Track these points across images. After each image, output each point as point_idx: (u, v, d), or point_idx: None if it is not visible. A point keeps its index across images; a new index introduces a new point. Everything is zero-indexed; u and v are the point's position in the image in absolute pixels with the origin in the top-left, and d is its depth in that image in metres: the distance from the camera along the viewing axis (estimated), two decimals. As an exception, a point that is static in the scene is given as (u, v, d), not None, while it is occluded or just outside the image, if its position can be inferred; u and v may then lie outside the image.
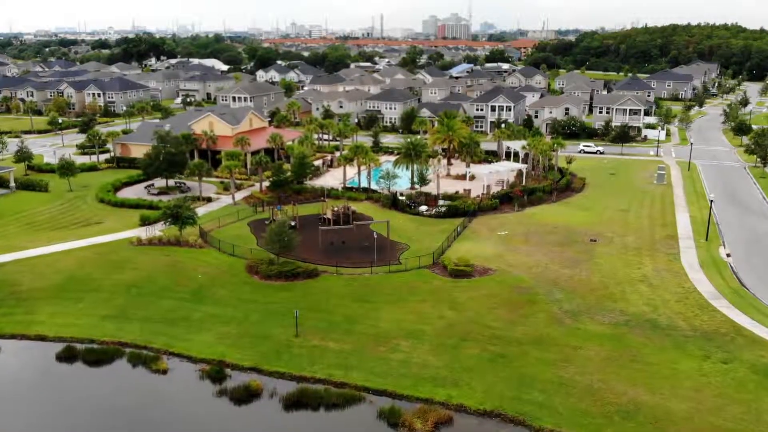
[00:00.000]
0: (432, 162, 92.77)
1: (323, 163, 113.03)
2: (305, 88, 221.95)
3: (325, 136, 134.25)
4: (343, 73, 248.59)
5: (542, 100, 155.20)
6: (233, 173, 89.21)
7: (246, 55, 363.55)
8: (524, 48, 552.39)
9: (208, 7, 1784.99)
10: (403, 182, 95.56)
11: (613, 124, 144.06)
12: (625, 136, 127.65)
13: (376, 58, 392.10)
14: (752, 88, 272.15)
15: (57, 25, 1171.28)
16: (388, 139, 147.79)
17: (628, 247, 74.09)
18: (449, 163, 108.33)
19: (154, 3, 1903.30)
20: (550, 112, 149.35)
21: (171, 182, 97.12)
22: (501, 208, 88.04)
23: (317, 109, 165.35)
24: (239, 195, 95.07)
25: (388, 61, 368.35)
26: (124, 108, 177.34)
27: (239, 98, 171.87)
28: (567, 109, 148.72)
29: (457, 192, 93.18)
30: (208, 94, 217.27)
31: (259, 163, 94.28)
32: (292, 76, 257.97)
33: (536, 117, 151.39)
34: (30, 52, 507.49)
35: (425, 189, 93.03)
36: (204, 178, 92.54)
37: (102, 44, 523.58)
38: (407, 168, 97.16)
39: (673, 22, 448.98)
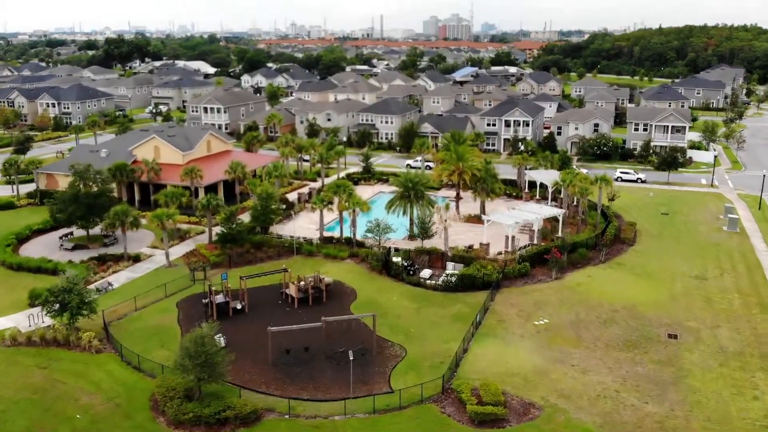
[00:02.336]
0: (437, 209, 69.06)
1: (299, 199, 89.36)
2: (292, 96, 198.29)
3: (307, 158, 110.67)
4: (336, 78, 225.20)
5: (566, 114, 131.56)
6: (165, 225, 65.35)
7: (235, 57, 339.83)
8: (529, 50, 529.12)
9: (210, 8, 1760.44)
10: (399, 230, 72.03)
11: (654, 143, 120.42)
12: (673, 162, 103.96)
13: (374, 61, 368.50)
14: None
15: (57, 26, 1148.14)
16: (384, 160, 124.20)
17: (727, 350, 50.47)
18: (458, 197, 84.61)
19: (156, 3, 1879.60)
20: (576, 129, 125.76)
21: (96, 229, 73.60)
22: (533, 272, 64.44)
23: (301, 122, 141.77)
24: (180, 249, 71.49)
25: (387, 64, 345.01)
26: (81, 120, 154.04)
27: (212, 109, 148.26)
28: (596, 125, 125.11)
29: (470, 247, 69.55)
30: (184, 102, 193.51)
31: (207, 206, 70.57)
32: (280, 81, 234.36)
33: (559, 134, 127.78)
34: (14, 53, 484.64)
35: (428, 242, 69.58)
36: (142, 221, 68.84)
37: (90, 45, 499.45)
38: (404, 213, 73.54)
39: (678, 22, 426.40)
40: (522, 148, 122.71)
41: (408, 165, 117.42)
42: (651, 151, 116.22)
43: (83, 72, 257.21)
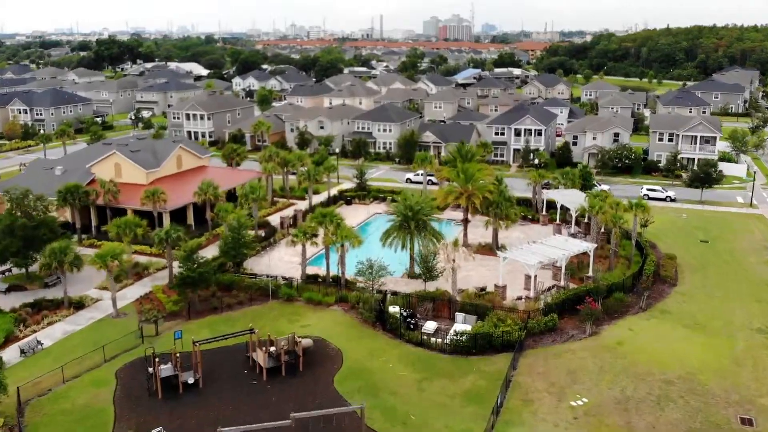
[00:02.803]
0: (443, 246, 56.96)
1: (282, 224, 77.42)
2: (285, 100, 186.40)
3: (295, 172, 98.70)
4: (333, 81, 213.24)
5: (582, 122, 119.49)
6: (111, 267, 53.28)
7: (229, 58, 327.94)
8: (532, 51, 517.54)
9: (211, 9, 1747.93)
10: (396, 264, 60.20)
11: (682, 156, 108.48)
12: (707, 178, 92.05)
13: (373, 62, 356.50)
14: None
15: (57, 26, 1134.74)
16: (381, 172, 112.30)
17: (825, 443, 38.56)
18: (466, 223, 72.65)
19: (157, 4, 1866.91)
20: (594, 138, 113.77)
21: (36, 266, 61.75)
22: (562, 325, 52.52)
23: (291, 130, 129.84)
24: (135, 290, 59.70)
25: (386, 65, 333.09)
26: (56, 127, 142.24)
27: (194, 116, 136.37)
28: (616, 134, 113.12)
29: (483, 290, 57.70)
30: (170, 107, 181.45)
31: (166, 239, 58.67)
32: (274, 83, 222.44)
33: (575, 144, 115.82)
34: (5, 55, 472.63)
35: (432, 283, 57.75)
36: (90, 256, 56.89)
37: (83, 47, 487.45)
38: (403, 247, 61.63)
39: (681, 23, 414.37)
40: (534, 160, 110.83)
41: (408, 179, 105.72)
42: (680, 165, 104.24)
43: (68, 74, 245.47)
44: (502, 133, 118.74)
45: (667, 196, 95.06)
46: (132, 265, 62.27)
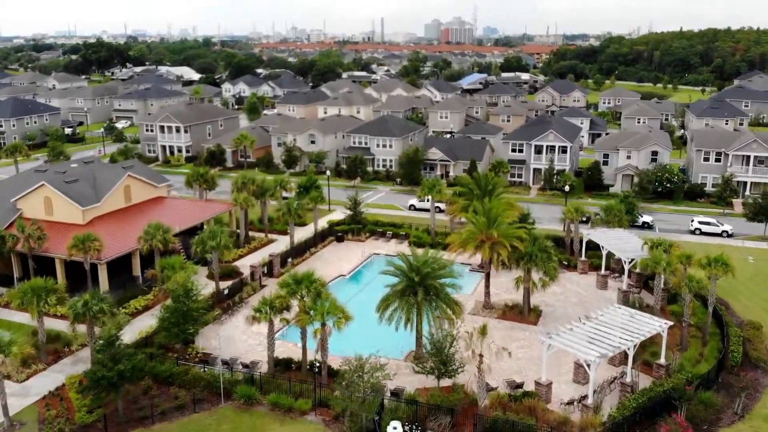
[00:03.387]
0: (466, 336, 40.83)
1: (253, 274, 61.41)
2: (274, 110, 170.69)
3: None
4: (329, 87, 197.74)
5: (613, 138, 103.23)
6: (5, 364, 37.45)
7: (222, 62, 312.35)
8: (537, 54, 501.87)
9: (213, 11, 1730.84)
10: (400, 339, 44.35)
11: (736, 179, 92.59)
12: (775, 209, 76.11)
13: (374, 66, 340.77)
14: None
15: (58, 29, 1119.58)
16: (380, 196, 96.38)
17: None
18: (488, 279, 56.58)
19: (159, 6, 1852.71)
20: (628, 157, 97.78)
21: None
22: (634, 450, 36.58)
23: (279, 144, 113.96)
24: (45, 381, 43.85)
25: (387, 69, 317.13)
26: (17, 139, 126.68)
27: (168, 128, 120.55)
28: (655, 153, 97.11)
29: (520, 387, 41.82)
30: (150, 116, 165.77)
31: (84, 312, 42.77)
32: (266, 89, 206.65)
33: (605, 163, 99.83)
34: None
35: (446, 378, 41.83)
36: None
37: (75, 49, 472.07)
38: (407, 324, 45.55)
39: (686, 26, 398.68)
40: (560, 183, 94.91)
41: (412, 205, 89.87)
42: (732, 191, 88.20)
43: (48, 80, 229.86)
44: (521, 150, 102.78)
45: (723, 231, 79.11)
46: (42, 347, 46.38)
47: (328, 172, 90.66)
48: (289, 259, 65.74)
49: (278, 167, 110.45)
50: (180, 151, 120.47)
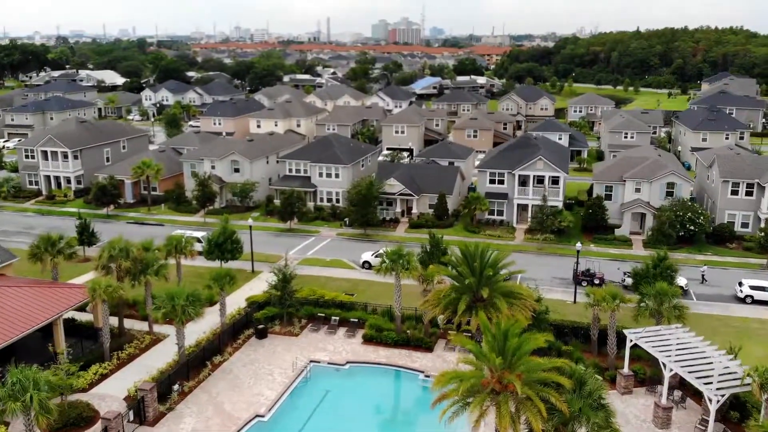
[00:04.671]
0: None
1: (129, 409, 37.33)
2: (191, 123, 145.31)
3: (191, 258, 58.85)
4: (267, 93, 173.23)
5: (617, 165, 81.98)
6: None
7: (149, 64, 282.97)
8: (488, 55, 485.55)
9: (154, 11, 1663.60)
10: None
11: (763, 215, 72.93)
12: None
13: (319, 68, 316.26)
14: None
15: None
16: (324, 244, 72.91)
17: None
18: None
19: (98, 6, 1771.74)
20: (638, 190, 77.04)
21: None
22: None
23: (193, 173, 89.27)
24: None
25: (334, 72, 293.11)
26: None
27: (53, 154, 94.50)
28: (671, 185, 76.62)
29: None
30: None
31: None
32: (192, 97, 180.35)
33: (608, 198, 78.79)
34: None
35: None
36: None
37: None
38: None
39: (630, 26, 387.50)
40: (556, 224, 73.54)
41: (366, 263, 67.05)
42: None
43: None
44: (501, 181, 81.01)
45: (783, 298, 58.90)
46: None
47: (251, 221, 66.58)
48: (176, 386, 41.96)
49: (191, 203, 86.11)
50: (68, 182, 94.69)
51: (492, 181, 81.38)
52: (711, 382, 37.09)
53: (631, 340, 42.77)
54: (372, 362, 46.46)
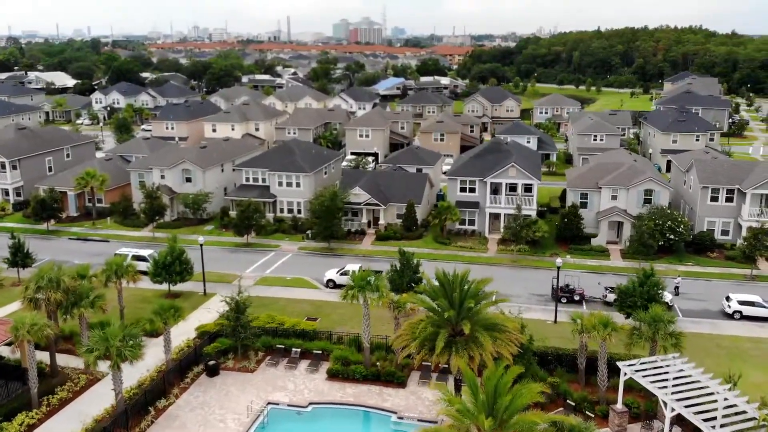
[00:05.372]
0: None
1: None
2: (143, 128, 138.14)
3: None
4: (225, 94, 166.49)
5: (591, 171, 78.28)
6: None
7: (102, 65, 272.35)
8: (450, 55, 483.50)
9: (111, 10, 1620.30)
10: None
11: (744, 222, 70.02)
12: None
13: (279, 68, 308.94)
14: (764, 106, 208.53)
15: None
16: (284, 261, 67.34)
17: None
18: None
19: (48, 4, 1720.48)
20: (614, 198, 73.48)
21: None
22: None
23: (140, 185, 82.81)
24: None
25: (294, 72, 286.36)
26: None
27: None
28: (649, 192, 73.23)
29: None
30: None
31: None
32: (145, 99, 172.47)
33: (583, 206, 74.99)
34: None
35: None
36: None
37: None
38: None
39: (590, 26, 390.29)
40: (528, 234, 69.40)
41: (330, 281, 61.95)
42: (761, 243, 64.79)
43: None
44: (472, 189, 76.63)
45: (774, 314, 55.69)
46: None
47: (201, 239, 60.72)
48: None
49: (140, 217, 79.74)
50: (6, 195, 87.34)
51: (463, 189, 76.92)
52: (714, 419, 33.15)
53: (626, 374, 38.59)
54: (338, 403, 41.40)
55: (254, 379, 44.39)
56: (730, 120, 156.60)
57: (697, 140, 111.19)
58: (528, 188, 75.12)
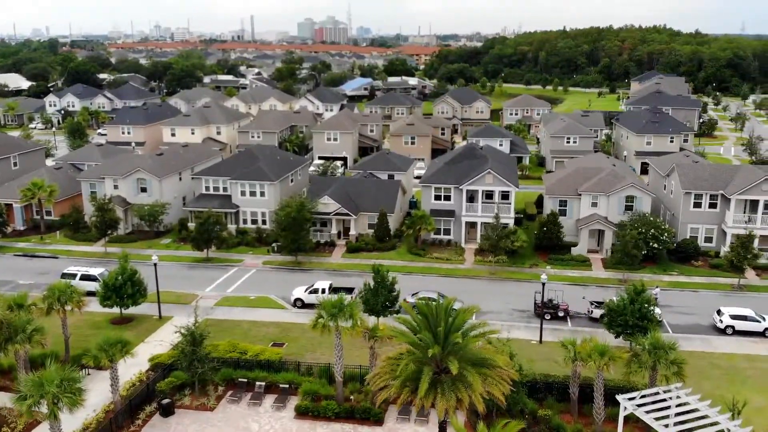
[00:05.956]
0: None
1: None
2: (99, 131, 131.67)
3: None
4: (185, 97, 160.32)
5: (570, 176, 75.06)
6: None
7: (58, 66, 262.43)
8: (416, 55, 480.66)
9: (71, 10, 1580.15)
10: None
11: (728, 229, 67.49)
12: None
13: (243, 68, 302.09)
14: (731, 105, 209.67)
15: None
16: (248, 277, 62.57)
17: None
18: None
19: (6, 4, 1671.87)
20: (594, 205, 70.41)
21: None
22: None
23: (92, 197, 77.08)
24: None
25: (259, 72, 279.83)
26: None
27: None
28: (630, 198, 70.30)
29: None
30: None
31: None
32: (102, 102, 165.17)
33: (562, 213, 71.70)
34: None
35: None
36: None
37: None
38: None
39: (555, 25, 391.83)
40: (506, 244, 65.84)
41: (297, 300, 57.62)
42: (749, 252, 62.12)
43: None
44: (447, 197, 72.83)
45: (766, 329, 52.91)
46: None
47: (155, 257, 55.61)
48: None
49: (91, 230, 74.11)
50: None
51: (438, 198, 73.05)
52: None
53: (625, 408, 35.06)
54: (308, 446, 37.13)
55: (214, 418, 39.83)
56: (700, 120, 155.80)
57: (672, 141, 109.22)
58: (505, 195, 71.64)
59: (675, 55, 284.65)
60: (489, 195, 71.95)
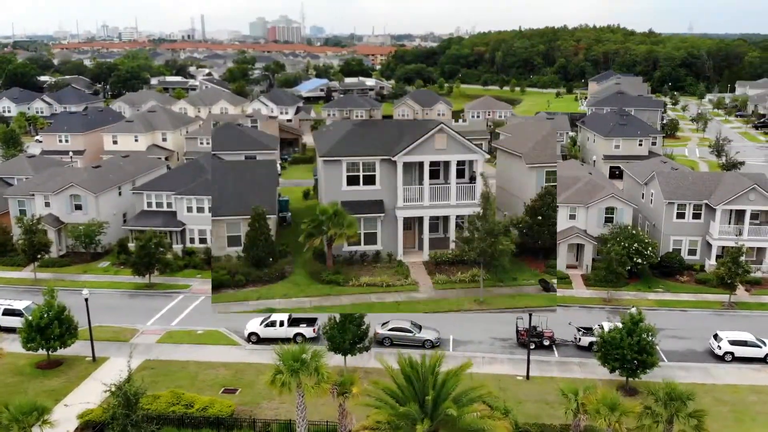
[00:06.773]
0: None
1: None
2: (36, 139, 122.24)
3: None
4: (129, 100, 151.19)
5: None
6: None
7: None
8: (372, 55, 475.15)
9: (11, 9, 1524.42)
10: None
11: (714, 241, 63.60)
12: None
13: (193, 69, 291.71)
14: (690, 105, 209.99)
15: None
16: (194, 307, 55.55)
17: None
18: None
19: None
20: (572, 216, 65.63)
21: None
22: None
23: (17, 218, 68.91)
24: None
25: (209, 73, 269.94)
26: None
27: None
28: (610, 210, 65.78)
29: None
30: None
31: None
32: (40, 107, 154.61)
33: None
34: None
35: None
36: None
37: None
38: None
39: (510, 25, 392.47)
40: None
41: (252, 335, 51.18)
42: (739, 267, 58.02)
43: None
44: (369, 179, 66.12)
45: (767, 355, 48.73)
46: None
47: (86, 292, 48.20)
48: None
49: (20, 254, 66.04)
50: None
51: (352, 181, 53.44)
52: None
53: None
54: None
55: (152, 495, 33.15)
56: (663, 121, 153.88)
57: (640, 145, 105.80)
58: (465, 173, 56.13)
59: (630, 55, 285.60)
60: (437, 170, 56.00)
